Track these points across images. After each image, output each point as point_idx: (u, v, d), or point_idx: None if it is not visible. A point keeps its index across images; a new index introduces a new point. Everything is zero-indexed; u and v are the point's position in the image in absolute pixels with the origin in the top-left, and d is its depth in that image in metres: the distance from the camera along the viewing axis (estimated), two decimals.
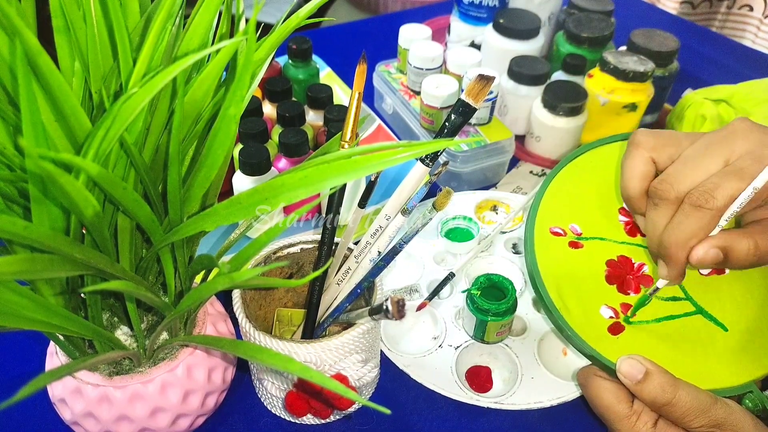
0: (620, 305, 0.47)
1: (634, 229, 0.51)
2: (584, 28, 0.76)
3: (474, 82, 0.41)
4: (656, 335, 0.46)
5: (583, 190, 0.53)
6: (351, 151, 0.30)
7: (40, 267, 0.26)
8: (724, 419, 0.40)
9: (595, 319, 0.46)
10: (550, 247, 0.50)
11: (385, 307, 0.34)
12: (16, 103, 0.31)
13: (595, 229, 0.51)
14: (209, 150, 0.31)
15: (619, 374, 0.43)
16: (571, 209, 0.52)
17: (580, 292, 0.47)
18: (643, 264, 0.49)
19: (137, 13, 0.32)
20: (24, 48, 0.25)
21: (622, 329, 0.46)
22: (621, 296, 0.48)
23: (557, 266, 0.49)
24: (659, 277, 0.45)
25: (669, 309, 0.47)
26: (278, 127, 0.64)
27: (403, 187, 0.43)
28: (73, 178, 0.25)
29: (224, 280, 0.28)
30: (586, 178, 0.54)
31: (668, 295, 0.48)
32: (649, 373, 0.42)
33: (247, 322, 0.42)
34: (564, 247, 0.50)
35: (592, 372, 0.45)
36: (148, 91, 0.25)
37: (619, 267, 0.49)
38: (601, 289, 0.48)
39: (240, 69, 0.26)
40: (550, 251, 0.49)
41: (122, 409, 0.40)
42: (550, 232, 0.51)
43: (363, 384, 0.43)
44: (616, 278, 0.48)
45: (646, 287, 0.48)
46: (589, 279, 0.48)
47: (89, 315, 0.36)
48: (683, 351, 0.46)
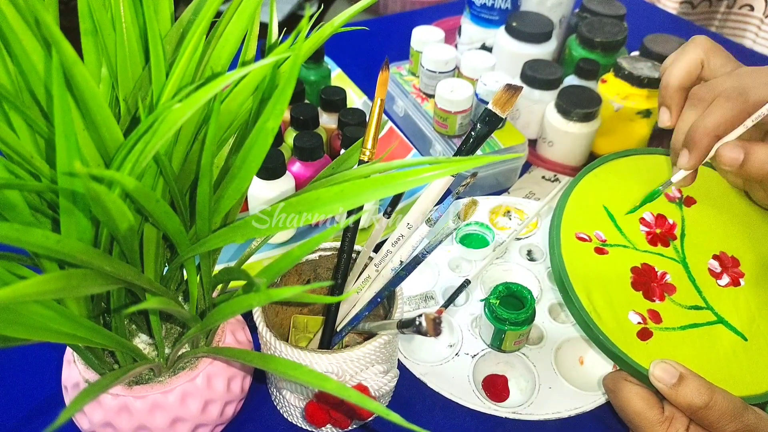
0: (647, 311, 0.47)
1: (655, 239, 0.51)
2: (597, 32, 0.75)
3: (501, 91, 0.41)
4: (682, 342, 0.46)
5: (604, 200, 0.53)
6: (387, 165, 0.29)
7: (75, 283, 0.25)
8: (756, 425, 0.40)
9: (624, 324, 0.47)
10: (576, 251, 0.50)
11: (419, 323, 0.33)
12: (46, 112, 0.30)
13: (618, 237, 0.51)
14: (243, 162, 0.30)
15: (652, 378, 0.42)
16: (593, 217, 0.52)
17: (608, 297, 0.47)
18: (665, 273, 0.49)
19: (169, 20, 0.32)
20: (60, 58, 0.24)
21: (651, 335, 0.46)
22: (647, 302, 0.48)
23: (585, 270, 0.49)
24: (678, 167, 0.47)
25: (692, 317, 0.48)
26: (292, 130, 0.63)
27: (426, 196, 0.43)
28: (112, 193, 0.24)
29: (262, 297, 0.27)
30: (608, 188, 0.54)
31: (691, 303, 0.48)
32: (684, 376, 0.41)
33: (269, 333, 0.41)
34: (590, 252, 0.50)
35: (621, 377, 0.45)
36: (188, 107, 0.24)
37: (644, 274, 0.49)
38: (628, 294, 0.48)
39: (284, 83, 0.25)
40: (577, 255, 0.50)
41: (142, 419, 0.39)
42: (576, 237, 0.51)
43: (382, 394, 0.43)
44: (641, 285, 0.49)
45: (670, 295, 0.48)
46: (617, 284, 0.48)
47: (113, 326, 0.36)
48: (708, 358, 0.46)
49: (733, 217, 0.54)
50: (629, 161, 0.55)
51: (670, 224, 0.52)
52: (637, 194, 0.53)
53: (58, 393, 0.45)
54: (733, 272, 0.51)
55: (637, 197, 0.53)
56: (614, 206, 0.53)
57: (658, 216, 0.52)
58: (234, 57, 0.33)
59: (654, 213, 0.53)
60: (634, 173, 0.55)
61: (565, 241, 0.50)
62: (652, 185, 0.52)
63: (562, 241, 0.50)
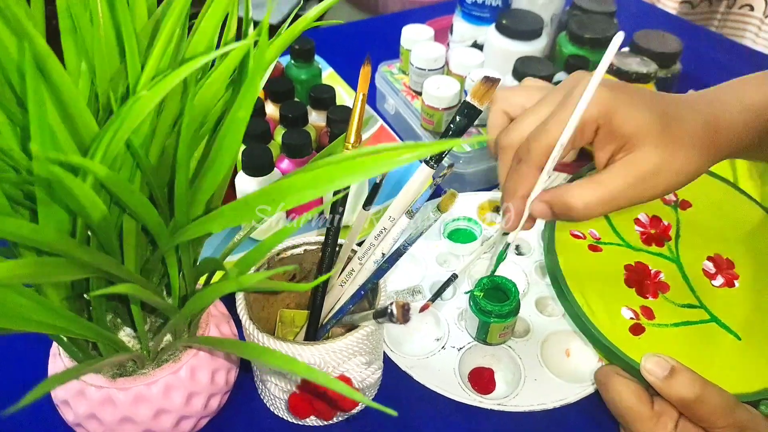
0: (640, 308, 0.48)
1: (650, 239, 0.52)
2: (587, 29, 0.76)
3: (479, 83, 0.41)
4: (675, 339, 0.47)
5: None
6: (358, 152, 0.30)
7: (48, 270, 0.26)
8: (747, 422, 0.40)
9: (617, 319, 0.47)
10: (571, 248, 0.51)
11: (390, 310, 0.33)
12: (23, 104, 0.31)
13: (612, 236, 0.52)
14: (217, 153, 0.31)
15: (643, 370, 0.42)
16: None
17: (601, 293, 0.48)
18: (659, 272, 0.50)
19: (145, 14, 0.32)
20: (32, 50, 0.25)
21: (643, 330, 0.47)
22: (640, 299, 0.48)
23: (579, 266, 0.49)
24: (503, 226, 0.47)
25: (686, 315, 0.48)
26: (281, 128, 0.64)
27: (407, 189, 0.43)
28: (80, 181, 0.25)
29: (232, 284, 0.28)
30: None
31: (684, 302, 0.49)
32: (676, 369, 0.41)
33: (251, 324, 0.42)
34: (584, 250, 0.51)
35: (613, 371, 0.45)
36: (156, 93, 0.25)
37: (637, 272, 0.50)
38: (622, 291, 0.49)
39: (251, 72, 0.26)
40: (572, 252, 0.50)
41: (126, 411, 0.40)
42: (570, 234, 0.51)
43: (366, 386, 0.43)
44: (635, 282, 0.49)
45: (664, 293, 0.49)
46: (610, 280, 0.49)
47: (94, 317, 0.36)
48: (700, 356, 0.46)
49: (728, 222, 0.54)
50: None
51: (664, 225, 0.53)
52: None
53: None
54: (727, 274, 0.51)
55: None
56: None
57: (652, 218, 0.53)
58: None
59: (649, 215, 0.53)
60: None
61: (559, 238, 0.51)
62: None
63: (556, 237, 0.51)
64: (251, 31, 0.35)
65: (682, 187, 0.42)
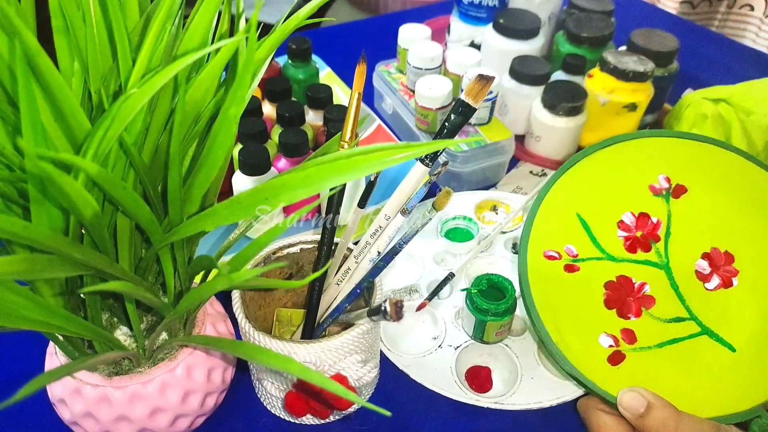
0: (620, 332, 0.45)
1: (634, 245, 0.48)
2: (584, 28, 0.76)
3: (474, 82, 0.41)
4: (659, 361, 0.45)
5: (578, 207, 0.49)
6: (351, 151, 0.30)
7: (39, 267, 0.26)
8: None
9: (594, 349, 0.45)
10: (544, 273, 0.47)
11: (383, 308, 0.33)
12: (15, 103, 0.31)
13: (592, 249, 0.48)
14: (209, 150, 0.31)
15: (620, 407, 0.42)
16: (565, 229, 0.49)
17: (577, 321, 0.46)
18: (644, 283, 0.47)
19: (137, 13, 0.32)
20: (23, 48, 0.25)
21: (623, 358, 0.45)
22: (621, 321, 0.46)
23: (553, 294, 0.47)
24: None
25: (673, 332, 0.45)
26: (278, 127, 0.64)
27: (402, 188, 0.43)
28: (71, 179, 0.25)
29: (223, 281, 0.28)
30: (582, 192, 0.50)
31: (671, 316, 0.46)
32: (651, 406, 0.41)
33: (247, 323, 0.42)
34: (559, 272, 0.47)
35: (593, 404, 0.45)
36: (147, 90, 0.25)
37: (619, 289, 0.47)
38: (600, 315, 0.46)
39: (241, 69, 0.26)
40: (545, 278, 0.47)
41: (122, 410, 0.40)
42: (545, 256, 0.48)
43: (362, 384, 0.43)
44: (615, 302, 0.46)
45: (648, 309, 0.46)
46: (587, 305, 0.46)
47: (88, 315, 0.36)
48: (689, 376, 0.44)
49: (732, 203, 0.48)
50: (600, 156, 0.51)
51: (653, 224, 0.48)
52: (617, 193, 0.49)
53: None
54: (725, 271, 0.47)
55: (618, 196, 0.49)
56: (590, 213, 0.49)
57: (640, 216, 0.48)
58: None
59: (635, 212, 0.49)
60: (618, 165, 0.50)
61: (531, 263, 0.48)
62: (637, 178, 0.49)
63: (528, 263, 0.48)
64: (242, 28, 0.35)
65: None
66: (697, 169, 0.50)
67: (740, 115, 0.64)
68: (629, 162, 0.51)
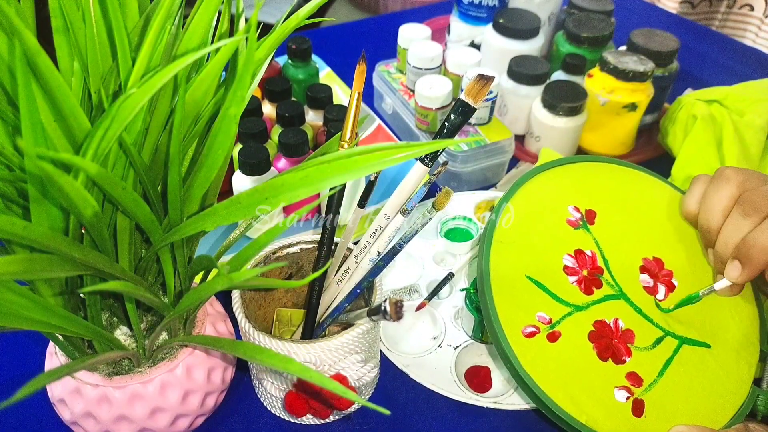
0: (626, 378, 0.44)
1: (588, 285, 0.47)
2: (584, 27, 0.76)
3: (473, 81, 0.41)
4: (669, 389, 0.44)
5: (522, 269, 0.47)
6: (351, 151, 0.30)
7: (39, 267, 0.26)
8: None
9: (616, 409, 0.43)
10: (534, 354, 0.44)
11: (383, 308, 0.34)
12: (15, 103, 0.31)
13: (558, 306, 0.46)
14: (209, 150, 0.31)
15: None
16: (525, 297, 0.46)
17: (589, 389, 0.43)
18: (617, 319, 0.46)
19: (136, 13, 0.32)
20: (23, 48, 0.25)
21: (643, 405, 0.43)
22: (621, 368, 0.44)
23: (553, 372, 0.44)
24: (727, 279, 0.45)
25: (661, 355, 0.45)
26: (278, 127, 0.64)
27: (402, 187, 0.43)
28: (71, 178, 0.25)
29: (223, 281, 0.28)
30: (515, 254, 0.48)
31: (651, 340, 0.46)
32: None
33: (247, 322, 0.42)
34: (546, 346, 0.45)
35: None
36: (147, 90, 0.25)
37: (601, 335, 0.45)
38: (602, 371, 0.44)
39: (241, 69, 0.26)
40: (538, 359, 0.44)
41: (122, 410, 0.40)
42: (524, 335, 0.45)
43: (362, 384, 0.43)
44: (606, 350, 0.45)
45: (633, 344, 0.45)
46: (587, 367, 0.44)
47: (88, 315, 0.36)
48: (694, 389, 0.45)
49: (634, 214, 0.51)
50: (516, 201, 0.50)
51: (590, 257, 0.48)
52: (545, 238, 0.48)
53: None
54: (663, 278, 0.49)
55: (548, 242, 0.48)
56: (535, 269, 0.47)
57: (576, 252, 0.48)
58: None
59: (571, 252, 0.48)
60: (530, 211, 0.50)
61: (517, 349, 0.44)
62: (553, 216, 0.49)
63: (515, 350, 0.44)
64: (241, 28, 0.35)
65: None
66: (593, 189, 0.51)
67: (733, 116, 0.64)
68: (538, 202, 0.51)
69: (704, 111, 0.65)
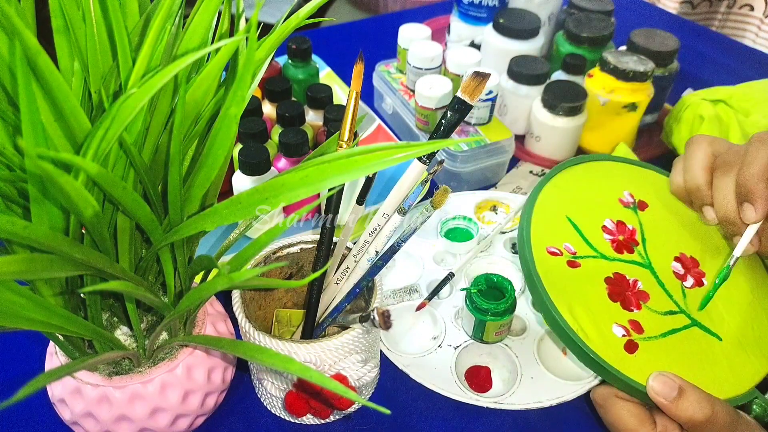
0: (629, 322, 0.46)
1: (620, 246, 0.50)
2: (584, 27, 0.76)
3: (470, 78, 0.41)
4: (666, 350, 0.45)
5: (567, 211, 0.52)
6: (351, 151, 0.30)
7: (39, 267, 0.26)
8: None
9: (610, 338, 0.45)
10: (551, 267, 0.48)
11: (372, 317, 0.34)
12: (15, 103, 0.31)
13: (586, 248, 0.50)
14: (210, 150, 0.31)
15: (651, 392, 0.42)
16: (560, 229, 0.51)
17: (590, 312, 0.46)
18: (637, 280, 0.48)
19: (136, 13, 0.32)
20: (23, 48, 0.25)
21: (637, 347, 0.45)
22: (627, 313, 0.47)
23: (563, 286, 0.47)
24: (749, 222, 0.46)
25: (670, 323, 0.47)
26: (278, 127, 0.64)
27: (400, 186, 0.43)
28: (71, 178, 0.25)
29: (223, 281, 0.28)
30: (568, 198, 0.53)
31: (665, 309, 0.47)
32: (684, 389, 0.41)
33: (247, 322, 0.42)
34: (564, 267, 0.48)
35: (611, 393, 0.44)
36: (147, 90, 0.25)
37: (617, 284, 0.48)
38: (608, 307, 0.47)
39: (241, 69, 0.26)
40: (553, 272, 0.48)
41: (122, 409, 0.40)
42: (548, 252, 0.49)
43: (363, 384, 0.43)
44: (617, 295, 0.47)
45: (646, 303, 0.47)
46: (595, 297, 0.47)
47: (89, 315, 0.36)
48: (691, 363, 0.45)
49: (684, 219, 0.53)
50: (582, 168, 0.56)
51: (630, 230, 0.52)
52: (596, 202, 0.53)
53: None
54: (695, 273, 0.50)
55: (597, 205, 0.53)
56: (577, 216, 0.52)
57: (618, 223, 0.52)
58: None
59: (614, 220, 0.52)
60: (591, 180, 0.55)
61: (538, 258, 0.48)
62: (609, 192, 0.53)
63: (535, 257, 0.48)
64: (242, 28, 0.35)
65: None
66: (652, 190, 0.55)
67: (739, 116, 0.64)
68: (600, 177, 0.56)
69: (710, 112, 0.66)
